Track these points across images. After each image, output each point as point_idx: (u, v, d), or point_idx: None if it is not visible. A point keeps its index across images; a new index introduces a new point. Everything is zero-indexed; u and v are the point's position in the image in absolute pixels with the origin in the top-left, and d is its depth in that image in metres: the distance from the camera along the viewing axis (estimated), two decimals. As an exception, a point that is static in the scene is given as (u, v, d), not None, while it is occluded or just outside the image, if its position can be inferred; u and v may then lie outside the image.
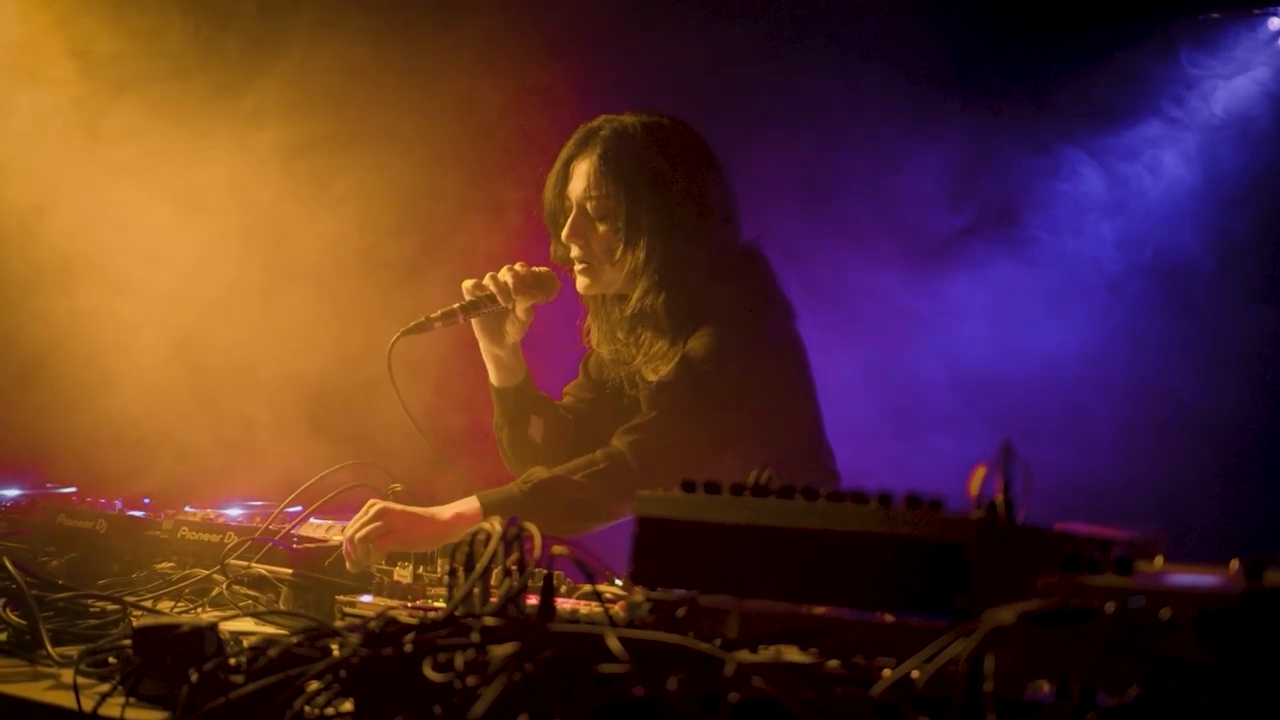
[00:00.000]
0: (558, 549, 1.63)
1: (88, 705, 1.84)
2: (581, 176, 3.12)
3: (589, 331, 3.31)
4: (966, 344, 5.11)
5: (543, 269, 3.18)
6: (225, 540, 2.75)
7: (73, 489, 3.14)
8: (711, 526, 1.60)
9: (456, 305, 3.12)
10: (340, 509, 2.84)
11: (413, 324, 3.10)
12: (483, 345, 3.23)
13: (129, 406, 4.31)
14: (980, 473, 1.44)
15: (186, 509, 3.05)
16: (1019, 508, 1.45)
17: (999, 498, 1.44)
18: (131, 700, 1.82)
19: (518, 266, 3.16)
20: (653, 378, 3.11)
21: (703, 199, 3.11)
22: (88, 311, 4.37)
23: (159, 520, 2.92)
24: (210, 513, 3.03)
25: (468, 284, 3.15)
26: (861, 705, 1.26)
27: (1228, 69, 5.14)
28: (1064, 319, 5.12)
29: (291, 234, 4.55)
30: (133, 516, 2.94)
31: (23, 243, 4.38)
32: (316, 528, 2.85)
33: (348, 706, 1.50)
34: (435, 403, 3.91)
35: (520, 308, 3.14)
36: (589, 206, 3.10)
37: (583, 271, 3.14)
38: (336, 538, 2.75)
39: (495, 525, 1.66)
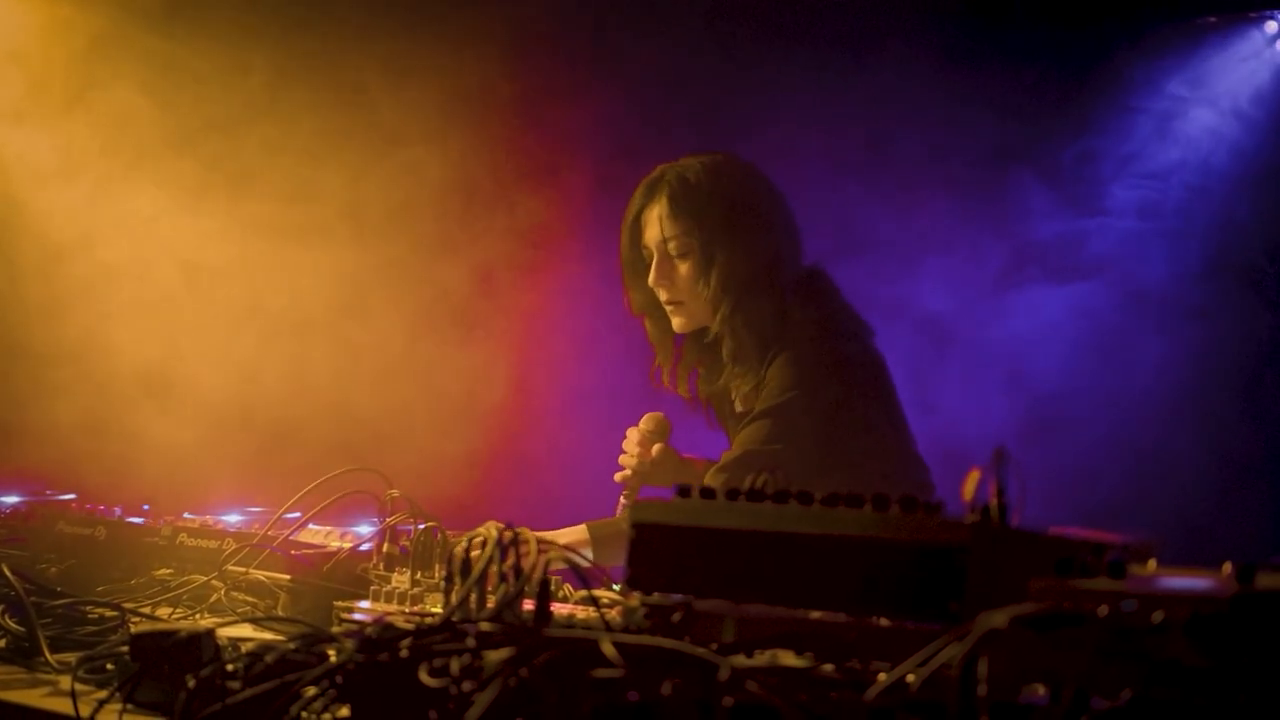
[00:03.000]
0: (553, 555, 1.64)
1: (85, 712, 1.84)
2: (655, 223, 3.29)
3: (659, 370, 3.47)
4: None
5: (647, 418, 3.33)
6: (223, 546, 2.75)
7: (71, 496, 3.14)
8: (707, 531, 1.61)
9: (624, 502, 3.30)
10: (338, 515, 2.84)
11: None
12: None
13: (132, 413, 4.32)
14: (974, 476, 1.44)
15: (185, 515, 3.05)
16: (1013, 512, 1.46)
17: (993, 502, 1.45)
18: (129, 706, 1.82)
19: (630, 432, 3.32)
20: (740, 406, 3.27)
21: (769, 225, 3.28)
22: (91, 319, 4.38)
23: (157, 527, 2.92)
24: (209, 519, 3.03)
25: (619, 477, 3.32)
26: (856, 709, 1.26)
27: (1225, 73, 5.15)
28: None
29: (295, 240, 4.57)
30: (131, 523, 2.94)
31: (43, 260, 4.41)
32: (314, 534, 2.85)
33: (344, 712, 1.50)
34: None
35: (656, 453, 3.31)
36: (670, 247, 3.26)
37: (675, 311, 3.32)
38: (334, 544, 2.76)
39: (491, 530, 1.66)
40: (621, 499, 3.32)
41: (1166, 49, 5.16)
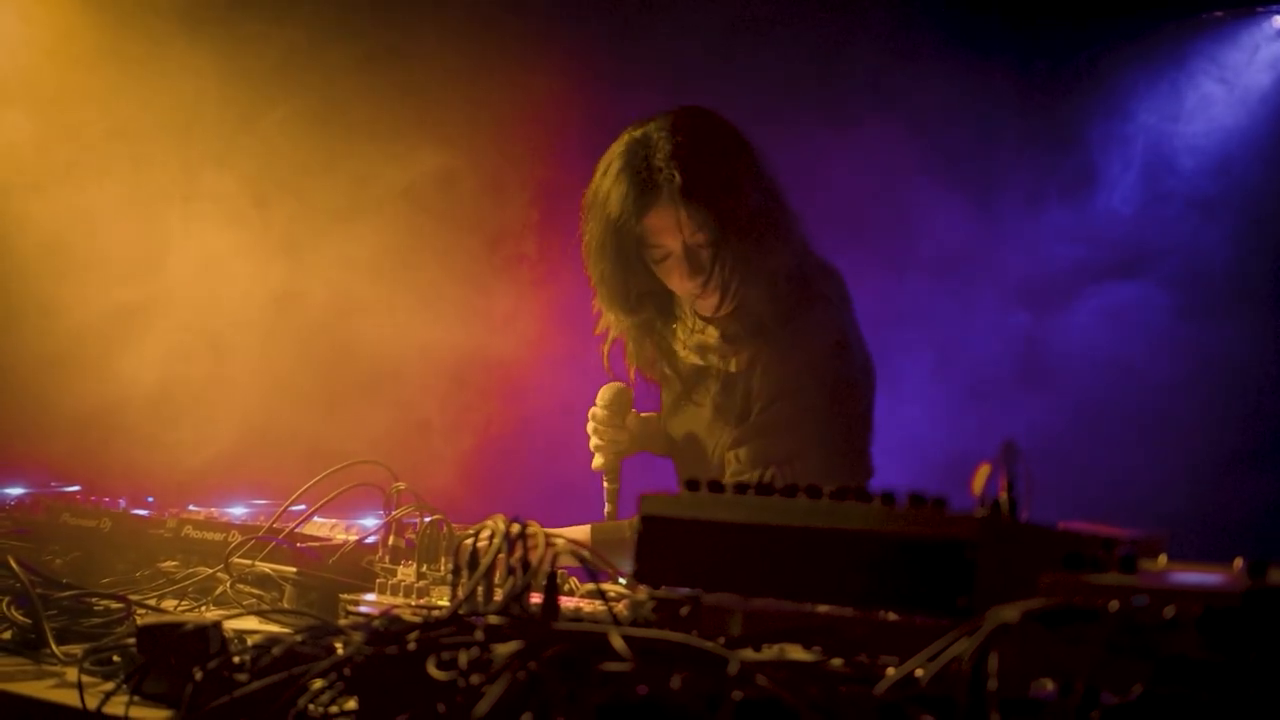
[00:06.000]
0: (560, 548, 1.63)
1: (92, 704, 1.84)
2: (669, 222, 3.05)
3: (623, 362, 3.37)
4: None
5: (606, 395, 3.27)
6: (229, 539, 2.75)
7: (77, 488, 3.15)
8: (715, 525, 1.61)
9: (609, 487, 3.27)
10: (344, 507, 2.84)
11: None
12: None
13: (135, 406, 4.32)
14: (984, 471, 1.44)
15: (190, 507, 3.05)
16: (1022, 506, 1.45)
17: (1002, 496, 1.45)
18: (135, 699, 1.82)
19: (596, 413, 3.26)
20: (734, 367, 3.16)
21: (759, 171, 3.12)
22: (94, 312, 4.38)
23: (163, 519, 2.92)
24: (214, 511, 3.03)
25: (596, 464, 3.27)
26: (865, 704, 1.26)
27: (1232, 67, 5.14)
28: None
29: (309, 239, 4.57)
30: (137, 515, 2.94)
31: (41, 247, 4.40)
32: (320, 526, 2.85)
33: (351, 705, 1.50)
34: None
35: (630, 424, 3.27)
36: (700, 238, 3.05)
37: (711, 294, 3.10)
38: (340, 536, 2.76)
39: (499, 524, 1.66)
40: (606, 485, 3.28)
41: (1171, 46, 5.16)
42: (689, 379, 3.29)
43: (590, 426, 3.29)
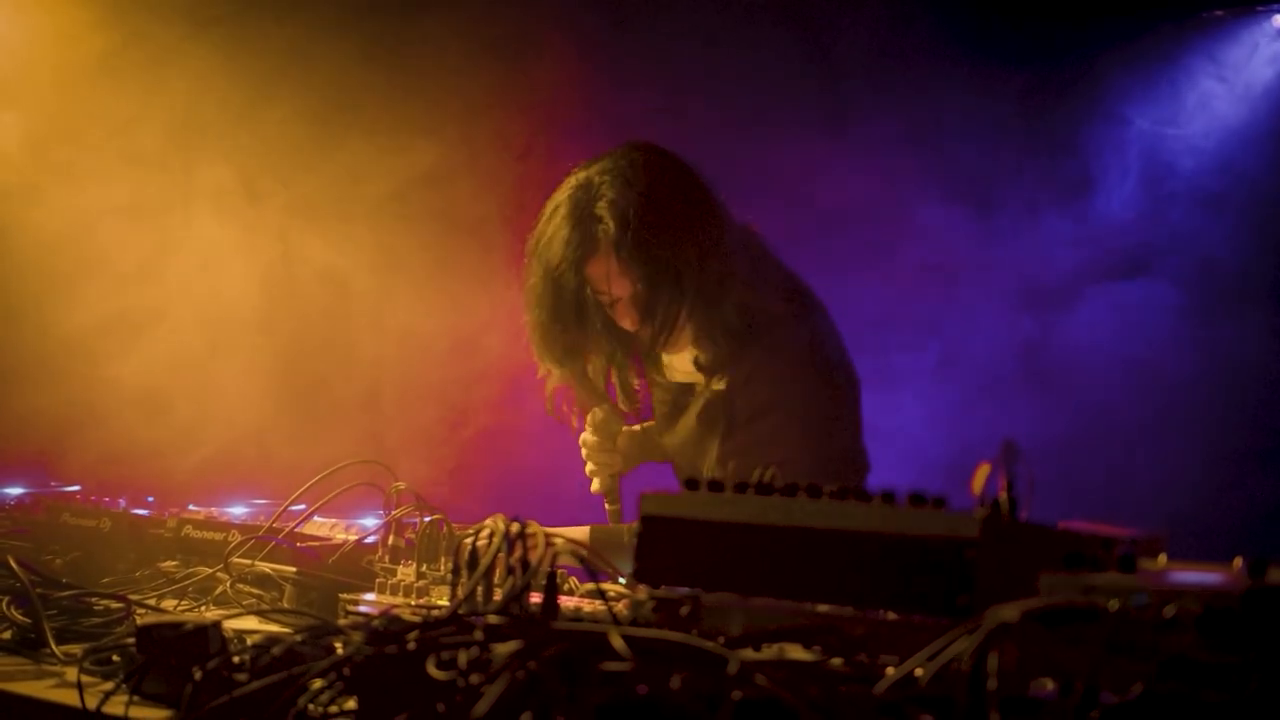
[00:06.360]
0: (560, 548, 1.63)
1: (91, 703, 1.84)
2: (609, 272, 3.04)
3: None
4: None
5: (593, 419, 3.29)
6: (229, 538, 2.75)
7: (77, 487, 3.14)
8: (715, 525, 1.60)
9: (610, 509, 3.30)
10: (343, 507, 2.84)
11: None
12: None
13: (134, 406, 4.32)
14: (984, 470, 1.44)
15: (190, 507, 3.05)
16: (1022, 505, 1.45)
17: (1002, 495, 1.44)
18: (135, 698, 1.82)
19: (586, 439, 3.30)
20: (709, 385, 3.17)
21: (708, 218, 3.08)
22: (94, 312, 4.38)
23: (163, 519, 2.92)
24: (214, 511, 3.03)
25: (595, 488, 3.31)
26: (865, 703, 1.26)
27: (1232, 65, 5.14)
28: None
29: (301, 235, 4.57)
30: (136, 515, 2.94)
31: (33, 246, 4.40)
32: (320, 526, 2.85)
33: (351, 705, 1.50)
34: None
35: (621, 445, 3.30)
36: (641, 287, 3.03)
37: (661, 337, 3.08)
38: (340, 536, 2.76)
39: (498, 523, 1.66)
40: (607, 507, 3.31)
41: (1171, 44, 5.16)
42: (677, 393, 3.30)
43: (583, 453, 3.32)
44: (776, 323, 3.13)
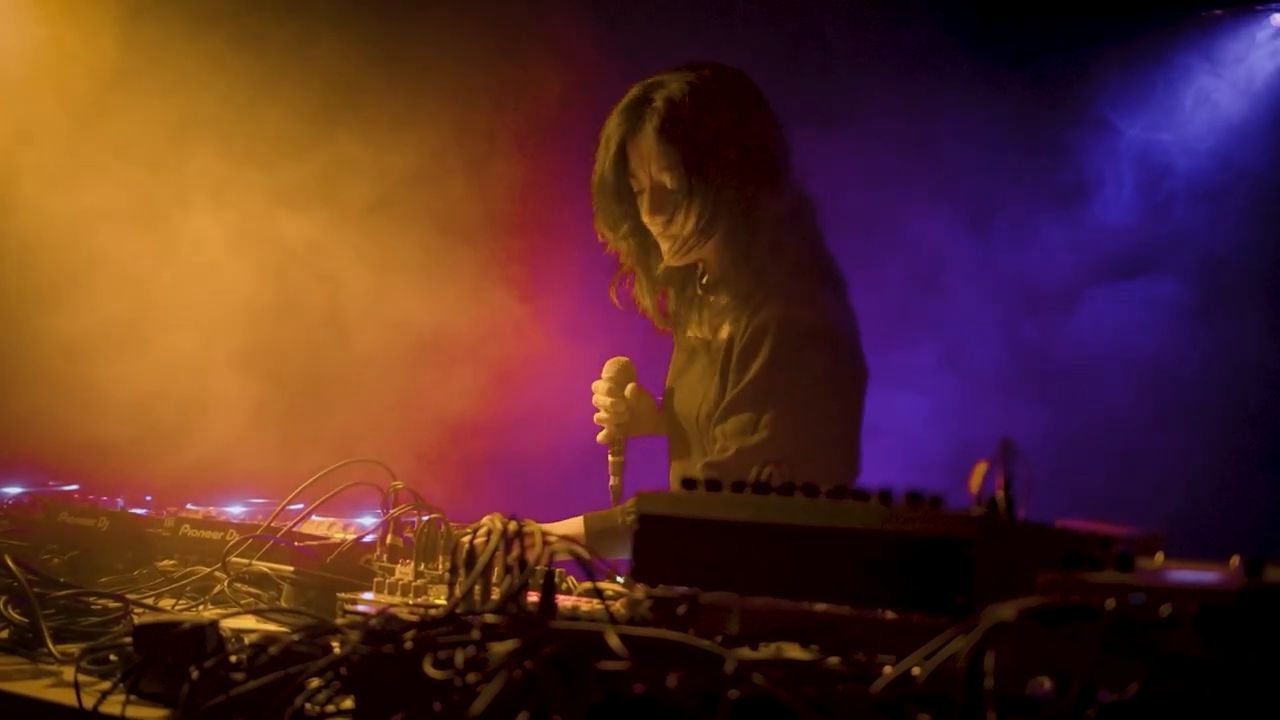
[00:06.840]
0: (558, 547, 1.63)
1: (89, 703, 1.84)
2: (645, 153, 3.13)
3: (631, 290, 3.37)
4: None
5: (609, 368, 3.31)
6: (226, 538, 2.75)
7: (74, 486, 3.14)
8: (712, 524, 1.60)
9: (613, 460, 3.30)
10: (341, 506, 2.84)
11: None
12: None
13: (134, 405, 4.32)
14: (981, 469, 1.44)
15: (188, 506, 3.05)
16: (1019, 504, 1.45)
17: (999, 494, 1.44)
18: (132, 698, 1.82)
19: (598, 384, 3.30)
20: (707, 333, 3.18)
21: (760, 147, 3.13)
22: (95, 311, 4.38)
23: (160, 518, 2.92)
24: (212, 510, 3.03)
25: (601, 436, 3.31)
26: (862, 702, 1.26)
27: (1231, 65, 5.15)
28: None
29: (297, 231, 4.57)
30: (134, 514, 2.94)
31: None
32: (318, 525, 2.85)
33: (348, 704, 1.50)
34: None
35: (630, 395, 3.30)
36: (666, 179, 3.10)
37: (667, 240, 3.16)
38: (338, 535, 2.76)
39: (495, 522, 1.66)
40: (610, 459, 3.30)
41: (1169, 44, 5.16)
42: (693, 350, 3.31)
43: (595, 399, 3.33)
44: (802, 282, 3.12)
